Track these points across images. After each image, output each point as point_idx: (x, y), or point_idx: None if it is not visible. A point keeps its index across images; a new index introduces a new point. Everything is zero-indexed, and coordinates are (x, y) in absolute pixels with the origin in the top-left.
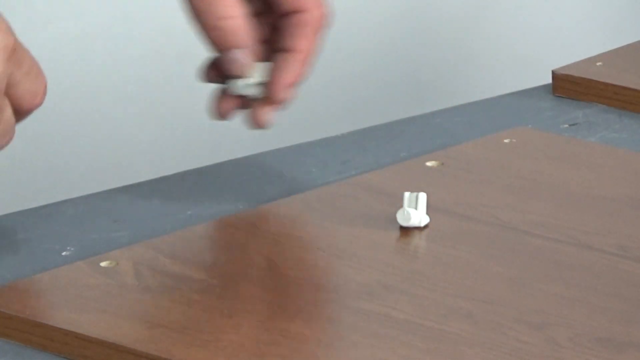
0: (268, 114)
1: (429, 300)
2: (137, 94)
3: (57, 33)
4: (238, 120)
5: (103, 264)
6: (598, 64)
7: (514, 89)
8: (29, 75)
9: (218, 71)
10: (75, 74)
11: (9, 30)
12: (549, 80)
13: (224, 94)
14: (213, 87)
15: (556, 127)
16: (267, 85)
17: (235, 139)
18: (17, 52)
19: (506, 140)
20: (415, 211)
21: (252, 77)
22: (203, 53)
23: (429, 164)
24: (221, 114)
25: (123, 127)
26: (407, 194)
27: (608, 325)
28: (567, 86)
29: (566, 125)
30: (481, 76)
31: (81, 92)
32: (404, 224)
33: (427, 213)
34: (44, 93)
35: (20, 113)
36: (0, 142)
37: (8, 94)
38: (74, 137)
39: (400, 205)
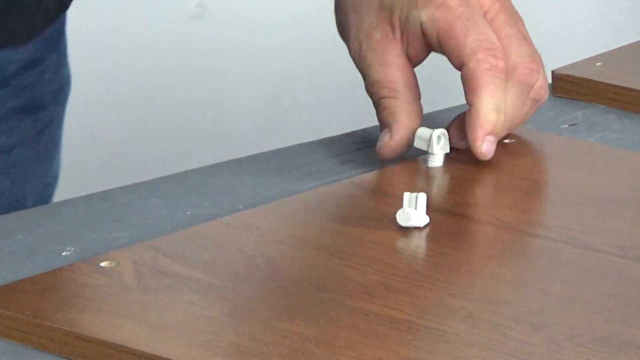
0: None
1: (429, 300)
2: (137, 94)
3: None
4: (237, 120)
5: (103, 264)
6: (598, 64)
7: None
8: None
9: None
10: (75, 75)
11: None
12: (548, 80)
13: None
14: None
15: (556, 127)
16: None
17: (236, 139)
18: None
19: (506, 141)
20: (415, 211)
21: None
22: (203, 53)
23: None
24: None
25: (123, 127)
26: (407, 194)
27: (608, 325)
28: (567, 86)
29: (566, 126)
30: None
31: (81, 92)
32: (404, 224)
33: (427, 213)
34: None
35: None
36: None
37: None
38: (74, 137)
39: (400, 206)
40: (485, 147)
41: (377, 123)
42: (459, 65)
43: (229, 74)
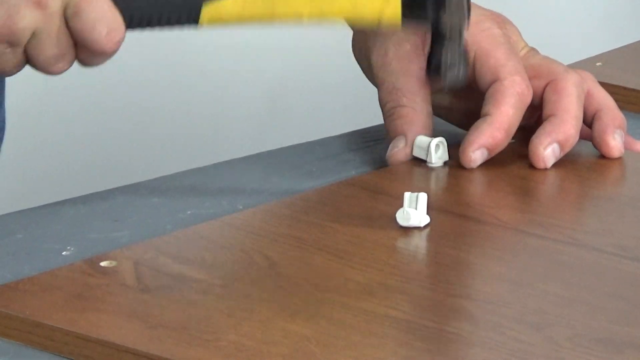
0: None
1: (429, 300)
2: (137, 94)
3: None
4: (237, 120)
5: (103, 263)
6: (598, 64)
7: None
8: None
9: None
10: (75, 74)
11: None
12: None
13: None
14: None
15: None
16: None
17: (235, 139)
18: None
19: None
20: (415, 211)
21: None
22: (202, 54)
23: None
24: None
25: (123, 127)
26: (407, 194)
27: (608, 325)
28: None
29: None
30: None
31: (81, 92)
32: (404, 224)
33: (427, 213)
34: None
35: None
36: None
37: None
38: (74, 137)
39: (400, 205)
40: (474, 156)
41: (376, 123)
42: (491, 81)
43: (229, 73)
